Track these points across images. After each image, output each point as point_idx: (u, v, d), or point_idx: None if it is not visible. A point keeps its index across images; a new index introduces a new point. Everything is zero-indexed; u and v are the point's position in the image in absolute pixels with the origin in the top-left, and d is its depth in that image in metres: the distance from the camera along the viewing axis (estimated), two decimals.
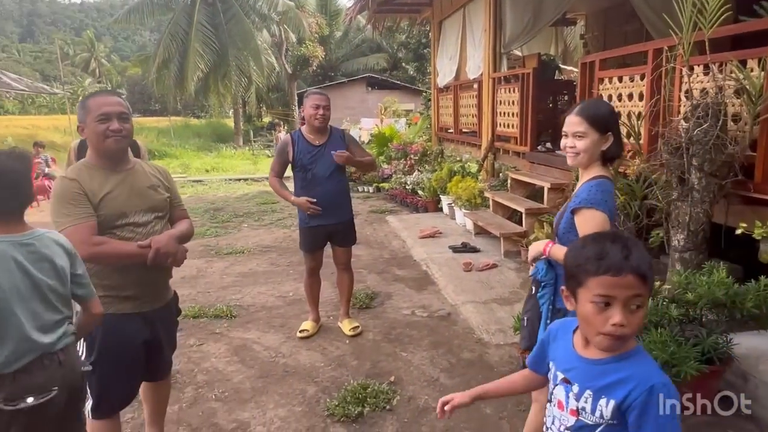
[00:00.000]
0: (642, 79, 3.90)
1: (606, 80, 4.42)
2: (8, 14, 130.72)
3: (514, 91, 6.47)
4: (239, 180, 13.30)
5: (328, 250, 3.82)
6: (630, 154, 3.91)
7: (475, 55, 8.00)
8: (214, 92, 21.43)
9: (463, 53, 8.83)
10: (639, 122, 3.76)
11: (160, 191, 2.23)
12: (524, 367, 3.10)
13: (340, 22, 31.56)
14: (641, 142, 3.78)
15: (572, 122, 1.96)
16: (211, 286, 5.00)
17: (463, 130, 8.78)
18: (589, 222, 1.84)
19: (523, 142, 6.30)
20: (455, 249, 5.65)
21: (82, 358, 2.02)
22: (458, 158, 8.50)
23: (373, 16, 11.26)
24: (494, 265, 5.07)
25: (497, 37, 7.22)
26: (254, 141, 23.48)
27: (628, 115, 4.00)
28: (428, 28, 32.30)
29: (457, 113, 8.86)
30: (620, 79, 4.22)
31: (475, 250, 5.62)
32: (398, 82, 27.72)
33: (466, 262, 5.12)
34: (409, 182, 8.73)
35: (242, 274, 5.36)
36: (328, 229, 3.64)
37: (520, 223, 5.58)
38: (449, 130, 9.64)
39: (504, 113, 6.87)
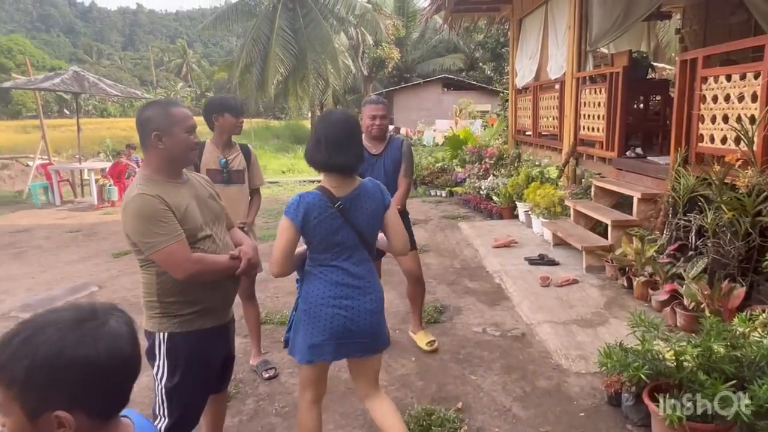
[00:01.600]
0: (756, 77, 3.41)
1: (710, 79, 3.94)
2: (113, 25, 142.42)
3: (600, 92, 6.00)
4: (313, 182, 13.48)
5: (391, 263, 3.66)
6: (739, 162, 3.44)
7: (558, 53, 7.55)
8: (292, 95, 21.99)
9: (544, 52, 8.38)
10: (753, 127, 3.29)
11: (217, 200, 2.19)
12: (610, 403, 2.81)
13: (417, 23, 31.52)
14: (755, 149, 3.30)
15: None
16: (280, 290, 4.99)
17: (543, 133, 8.32)
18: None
19: (609, 146, 5.82)
20: (532, 261, 5.30)
21: (164, 378, 1.99)
22: (536, 163, 8.07)
23: (449, 16, 11.00)
24: (575, 281, 4.68)
25: (582, 35, 6.75)
26: None
27: (738, 119, 3.52)
28: (507, 27, 31.40)
29: (537, 115, 8.41)
30: (728, 78, 3.73)
31: (553, 263, 5.25)
32: (474, 83, 27.17)
33: (543, 276, 4.77)
34: (483, 187, 8.40)
35: None
36: None
37: (604, 236, 5.13)
38: (527, 133, 9.20)
39: (588, 116, 6.39)
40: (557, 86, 7.52)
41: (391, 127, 21.39)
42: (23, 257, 6.53)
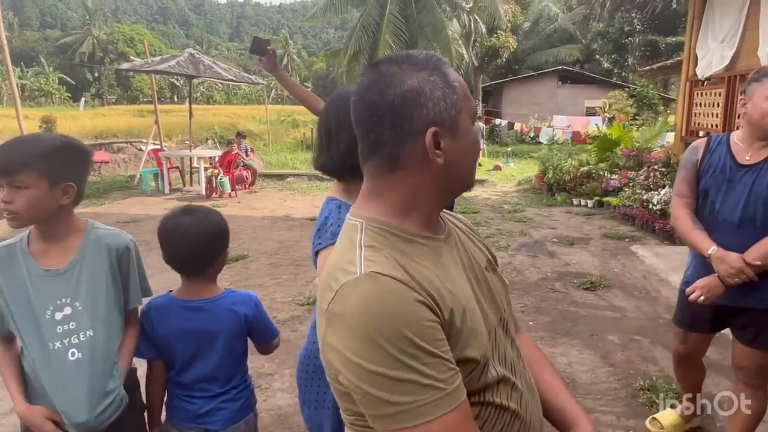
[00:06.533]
0: None
1: None
2: (221, 17, 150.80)
3: None
4: None
5: None
6: None
7: None
8: None
9: (747, 33, 6.58)
10: None
11: (498, 272, 1.04)
12: None
13: (530, 12, 29.42)
14: None
15: None
16: None
17: None
18: None
19: None
20: None
21: None
22: None
23: None
24: None
25: None
26: None
27: None
28: (633, 15, 28.26)
29: (731, 113, 6.62)
30: None
31: None
32: (595, 76, 24.76)
33: None
34: (655, 201, 6.76)
35: None
36: (723, 310, 2.11)
37: None
38: (707, 135, 7.40)
39: None
40: None
41: (503, 122, 19.74)
42: None
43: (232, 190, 9.73)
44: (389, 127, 0.84)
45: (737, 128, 2.16)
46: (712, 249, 1.97)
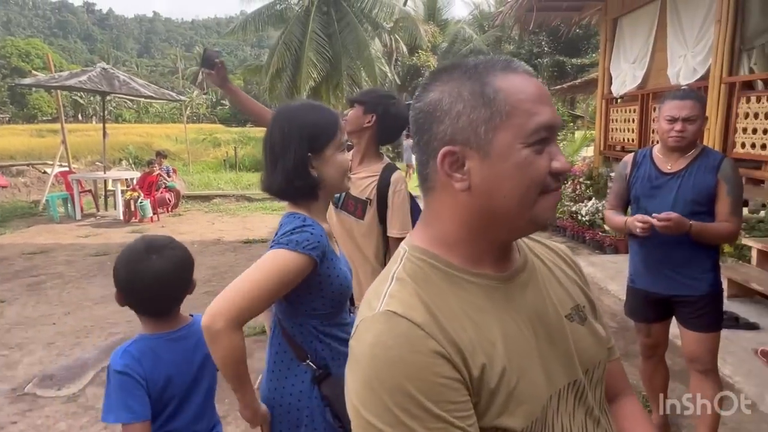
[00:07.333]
0: None
1: None
2: (129, 33, 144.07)
3: None
4: None
5: None
6: None
7: (689, 55, 6.27)
8: (325, 102, 20.88)
9: (656, 54, 7.12)
10: None
11: (591, 323, 0.86)
12: None
13: (447, 33, 30.54)
14: None
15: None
16: None
17: None
18: None
19: None
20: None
21: None
22: None
23: (522, 16, 9.81)
24: None
25: (736, 30, 5.48)
26: None
27: None
28: (541, 38, 30.05)
29: (646, 128, 7.11)
30: None
31: (750, 325, 3.90)
32: None
33: (764, 350, 3.43)
34: (583, 212, 7.08)
35: None
36: (663, 299, 2.37)
37: None
38: (628, 150, 7.91)
39: (753, 130, 5.09)
40: None
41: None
42: (41, 290, 5.28)
43: (153, 214, 9.10)
44: (417, 143, 0.77)
45: (653, 142, 2.53)
46: (626, 219, 2.33)
